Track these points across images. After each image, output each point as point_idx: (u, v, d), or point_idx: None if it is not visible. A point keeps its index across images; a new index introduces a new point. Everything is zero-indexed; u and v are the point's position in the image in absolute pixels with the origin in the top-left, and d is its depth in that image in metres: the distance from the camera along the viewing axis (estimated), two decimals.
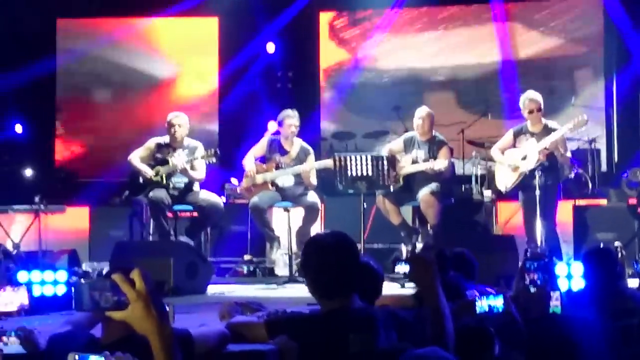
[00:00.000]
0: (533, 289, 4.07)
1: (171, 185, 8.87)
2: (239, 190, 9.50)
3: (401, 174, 8.94)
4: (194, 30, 13.14)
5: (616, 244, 8.13)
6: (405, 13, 12.60)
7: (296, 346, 3.26)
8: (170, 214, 8.97)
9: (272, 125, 10.11)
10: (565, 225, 9.18)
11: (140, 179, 8.95)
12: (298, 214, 9.01)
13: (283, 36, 12.55)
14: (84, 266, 8.70)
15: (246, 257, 9.59)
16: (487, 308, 3.66)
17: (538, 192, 8.30)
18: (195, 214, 9.10)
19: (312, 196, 8.95)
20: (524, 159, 8.54)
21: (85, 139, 12.99)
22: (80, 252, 9.25)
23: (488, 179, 10.10)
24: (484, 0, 12.32)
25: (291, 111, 9.07)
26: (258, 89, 12.49)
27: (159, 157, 8.96)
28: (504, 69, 12.25)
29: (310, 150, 9.12)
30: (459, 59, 12.56)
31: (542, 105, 8.63)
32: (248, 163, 9.05)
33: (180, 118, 9.01)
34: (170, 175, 8.87)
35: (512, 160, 8.63)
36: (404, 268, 4.35)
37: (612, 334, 3.44)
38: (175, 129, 8.92)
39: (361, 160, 8.27)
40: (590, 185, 10.30)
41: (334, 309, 3.40)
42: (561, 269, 6.09)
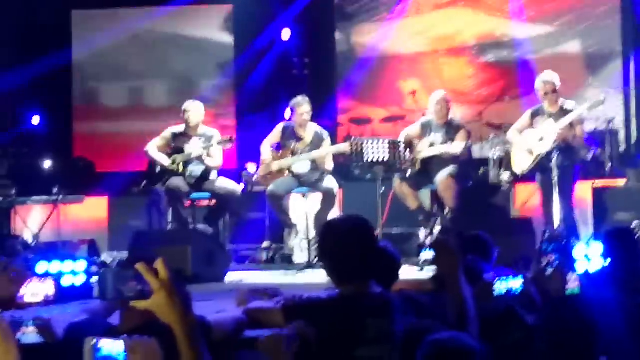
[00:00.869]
0: (550, 271, 4.05)
1: (188, 174, 8.89)
2: (255, 177, 9.50)
3: (418, 158, 8.91)
4: (209, 18, 13.13)
5: (635, 223, 8.07)
6: None
7: (314, 331, 3.26)
8: (188, 203, 9.00)
9: (289, 113, 10.11)
10: (584, 206, 9.15)
11: (158, 169, 8.99)
12: (315, 200, 9.01)
13: (298, 23, 12.52)
14: (103, 256, 8.75)
15: (264, 244, 9.60)
16: (506, 290, 3.65)
17: (555, 174, 8.26)
18: (213, 202, 9.13)
19: (329, 182, 8.94)
20: (541, 140, 8.49)
21: (103, 130, 13.02)
22: (99, 242, 9.30)
23: (506, 162, 10.05)
24: None
25: (302, 98, 9.06)
26: (274, 76, 12.48)
27: (175, 146, 9.00)
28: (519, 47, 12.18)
29: (325, 134, 9.10)
30: (477, 37, 12.48)
31: (558, 86, 8.58)
32: (264, 151, 9.06)
33: (194, 105, 9.07)
34: (187, 163, 8.90)
35: (529, 142, 8.58)
36: (429, 254, 4.36)
37: (631, 310, 3.43)
38: (189, 115, 8.96)
39: (378, 145, 8.25)
40: (608, 166, 10.25)
41: (351, 294, 3.40)
42: (580, 249, 6.06)
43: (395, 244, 4.52)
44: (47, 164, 12.06)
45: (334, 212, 9.05)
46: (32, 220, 10.43)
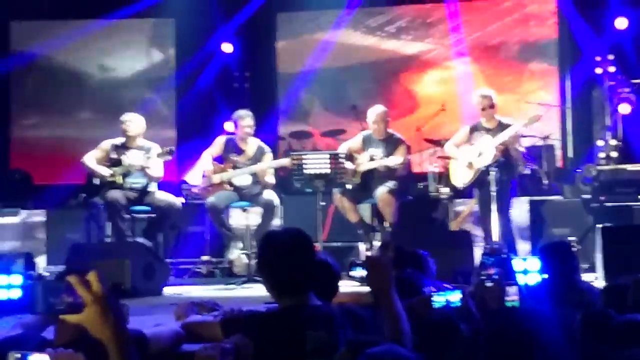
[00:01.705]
0: (489, 283, 4.09)
1: (127, 186, 8.81)
2: (196, 190, 9.44)
3: (358, 171, 8.95)
4: (150, 31, 13.07)
5: (571, 238, 8.20)
6: (359, 13, 12.62)
7: (252, 344, 3.24)
8: (127, 215, 8.90)
9: (229, 126, 10.09)
10: (521, 221, 9.26)
11: (96, 181, 8.88)
12: (256, 214, 9.00)
13: (240, 36, 12.52)
14: (41, 270, 8.62)
15: (204, 258, 9.54)
16: (445, 303, 3.67)
17: (494, 188, 8.35)
18: (152, 214, 9.05)
19: (270, 195, 8.92)
20: (479, 155, 8.58)
21: (40, 141, 12.85)
22: (37, 256, 9.16)
23: (444, 176, 10.15)
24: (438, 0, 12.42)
25: (244, 112, 9.05)
26: (215, 90, 12.45)
27: (113, 158, 8.90)
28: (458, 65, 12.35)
29: (267, 149, 9.10)
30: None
31: (495, 101, 8.68)
32: (204, 162, 9.01)
33: (132, 116, 9.01)
34: (125, 175, 8.81)
35: (468, 156, 8.67)
36: (360, 273, 4.35)
37: (569, 323, 3.47)
38: (127, 126, 8.89)
39: (318, 158, 8.26)
40: (545, 181, 10.39)
41: (290, 306, 3.38)
42: (517, 264, 6.13)
43: (336, 257, 4.52)
44: None
45: (275, 226, 9.04)
46: None
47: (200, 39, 12.44)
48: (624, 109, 10.33)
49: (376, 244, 8.72)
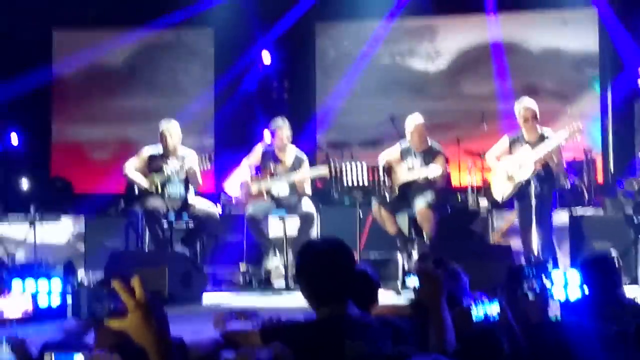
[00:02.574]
0: (532, 296, 4.05)
1: (166, 195, 8.84)
2: (234, 200, 9.47)
3: (397, 182, 8.91)
4: (190, 41, 13.15)
5: (613, 253, 8.09)
6: (399, 23, 12.60)
7: (291, 353, 3.23)
8: (166, 224, 8.94)
9: (267, 135, 10.10)
10: (561, 234, 9.16)
11: (136, 189, 8.93)
12: (294, 224, 8.98)
13: (279, 46, 12.55)
14: (79, 276, 8.68)
15: (242, 267, 9.55)
16: (483, 315, 3.64)
17: (534, 201, 8.27)
18: (190, 223, 9.07)
19: (307, 205, 8.92)
20: (519, 168, 8.51)
21: (82, 150, 12.97)
22: (75, 263, 9.22)
23: (484, 189, 10.08)
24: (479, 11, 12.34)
25: (282, 121, 9.05)
26: (253, 99, 12.48)
27: (153, 166, 8.94)
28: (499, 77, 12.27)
29: (305, 158, 9.09)
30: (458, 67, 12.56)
31: (538, 113, 8.61)
32: (243, 171, 9.03)
33: (171, 127, 8.98)
34: (165, 184, 8.85)
35: (508, 168, 8.60)
36: (414, 281, 4.33)
37: (609, 338, 3.42)
38: (167, 139, 8.91)
39: (357, 169, 8.24)
40: (586, 195, 10.29)
41: (328, 316, 3.37)
42: (558, 277, 6.07)
43: (373, 268, 4.49)
44: (25, 183, 11.98)
45: (312, 236, 9.03)
46: (9, 240, 10.34)
47: (240, 49, 12.48)
48: None
49: (414, 255, 8.67)
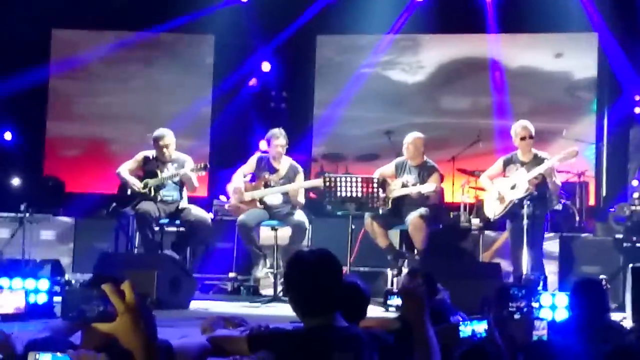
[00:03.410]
0: (517, 316, 4.05)
1: (159, 198, 8.83)
2: (227, 207, 9.47)
3: (390, 197, 8.92)
4: (190, 46, 13.16)
5: (601, 277, 8.11)
6: (400, 38, 12.64)
7: None
8: (157, 228, 8.93)
9: (263, 144, 10.11)
10: (551, 256, 9.18)
11: (129, 191, 8.92)
12: (285, 233, 8.98)
13: (279, 56, 12.57)
14: (67, 276, 8.66)
15: (231, 275, 9.54)
16: (471, 333, 3.64)
17: (526, 222, 8.29)
18: (182, 228, 9.06)
19: (300, 215, 8.92)
20: (513, 188, 8.54)
21: (75, 149, 12.95)
22: (63, 263, 9.20)
23: (476, 207, 10.10)
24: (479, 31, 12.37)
25: (278, 130, 9.06)
26: (251, 108, 12.49)
27: (147, 170, 8.93)
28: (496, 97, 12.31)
29: (300, 169, 9.10)
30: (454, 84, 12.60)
31: (533, 134, 8.64)
32: (237, 179, 9.03)
33: (167, 138, 8.94)
34: (158, 188, 8.84)
35: (501, 189, 8.62)
36: (397, 301, 4.33)
37: (596, 359, 3.43)
38: (164, 150, 8.87)
39: (351, 182, 8.25)
40: (577, 218, 10.31)
41: (316, 326, 3.37)
42: (546, 299, 6.10)
43: (364, 283, 4.49)
44: (16, 181, 11.95)
45: (303, 247, 9.02)
46: None
47: (239, 57, 12.49)
48: None
49: (404, 270, 8.68)
